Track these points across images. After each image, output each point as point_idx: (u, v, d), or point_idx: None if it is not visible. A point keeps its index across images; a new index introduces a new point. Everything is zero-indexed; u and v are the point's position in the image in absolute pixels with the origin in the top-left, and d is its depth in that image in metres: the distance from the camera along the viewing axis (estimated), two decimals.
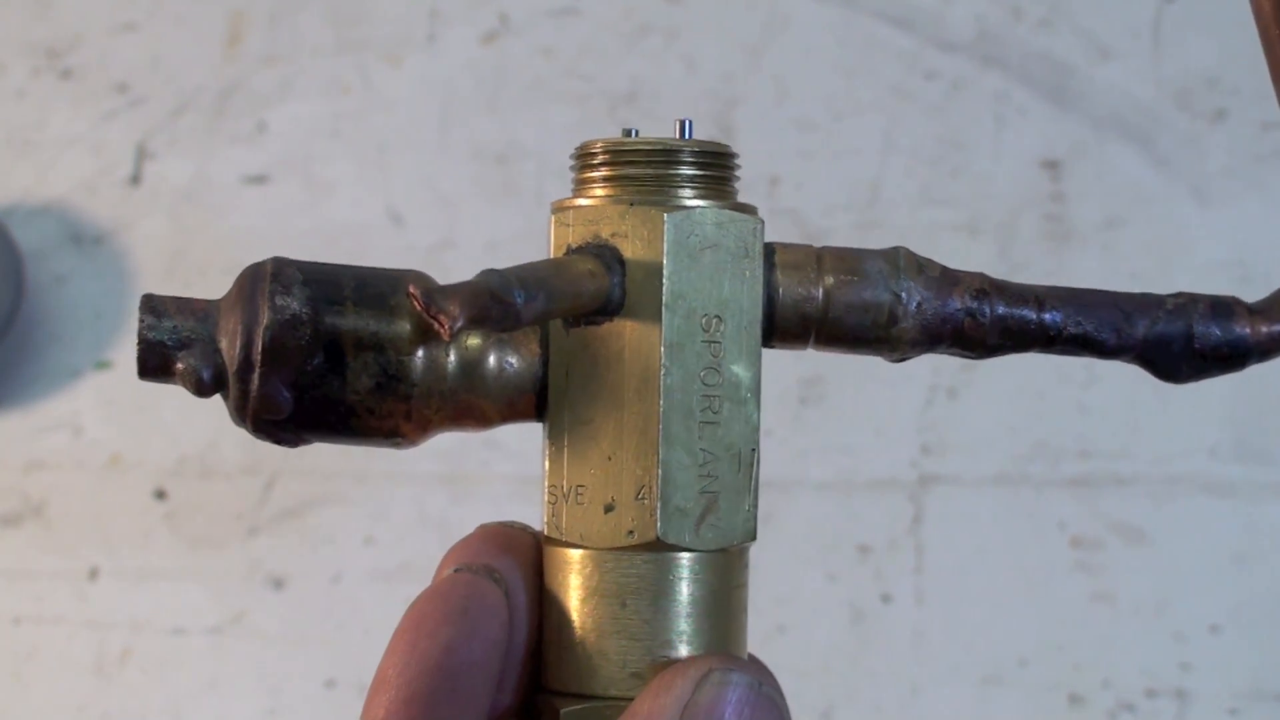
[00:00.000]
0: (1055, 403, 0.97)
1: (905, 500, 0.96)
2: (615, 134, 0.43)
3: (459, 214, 1.02)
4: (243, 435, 0.41)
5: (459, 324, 0.36)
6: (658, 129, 0.44)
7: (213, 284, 1.01)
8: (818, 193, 1.00)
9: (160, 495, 0.99)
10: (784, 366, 0.99)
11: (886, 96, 1.01)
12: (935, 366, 0.97)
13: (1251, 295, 0.44)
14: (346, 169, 1.03)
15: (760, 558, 1.02)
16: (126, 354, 1.01)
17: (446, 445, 0.99)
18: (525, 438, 0.44)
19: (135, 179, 1.03)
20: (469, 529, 1.01)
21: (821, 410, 0.98)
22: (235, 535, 0.99)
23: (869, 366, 1.01)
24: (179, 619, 0.98)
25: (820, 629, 0.96)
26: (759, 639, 1.04)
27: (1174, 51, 1.00)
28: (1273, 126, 0.99)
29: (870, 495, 0.97)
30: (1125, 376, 0.46)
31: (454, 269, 1.00)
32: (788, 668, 1.05)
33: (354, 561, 0.98)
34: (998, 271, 0.44)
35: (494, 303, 0.37)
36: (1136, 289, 0.45)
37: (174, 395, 1.09)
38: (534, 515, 0.43)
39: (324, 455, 0.99)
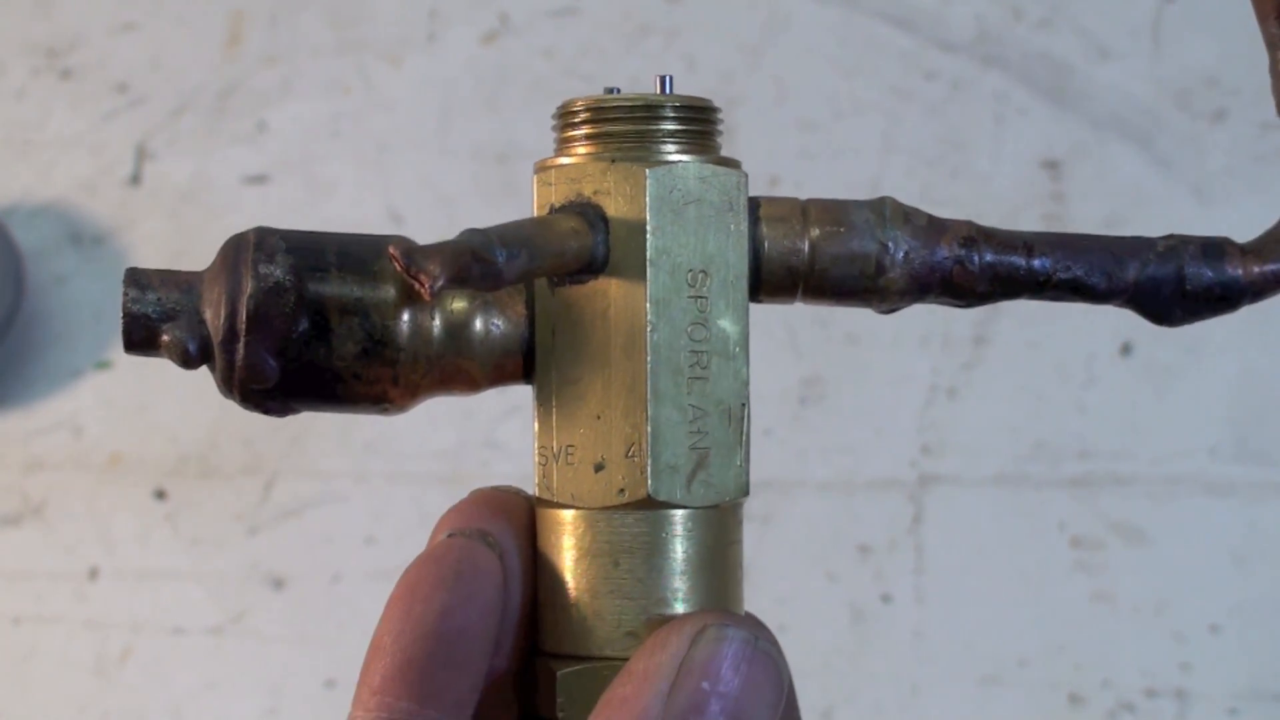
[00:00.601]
0: (1055, 403, 0.97)
1: (905, 500, 0.96)
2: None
3: (459, 214, 1.01)
4: (243, 435, 0.41)
5: (440, 283, 0.36)
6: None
7: None
8: (818, 193, 1.00)
9: (160, 495, 0.99)
10: (784, 367, 0.99)
11: (886, 96, 1.01)
12: (935, 366, 0.97)
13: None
14: (346, 169, 1.03)
15: (760, 558, 1.03)
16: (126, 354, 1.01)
17: (446, 445, 0.99)
18: (525, 438, 0.44)
19: (135, 179, 1.03)
20: None
21: (821, 410, 0.98)
22: (235, 535, 0.99)
23: (869, 366, 1.01)
24: (179, 619, 0.98)
25: (820, 629, 0.96)
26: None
27: (1174, 51, 1.00)
28: (1272, 126, 0.99)
29: (870, 495, 0.97)
30: (1125, 376, 0.46)
31: None
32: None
33: (354, 561, 0.98)
34: None
35: (475, 261, 0.37)
36: None
37: (174, 395, 1.09)
38: None
39: (324, 455, 0.99)
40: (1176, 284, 0.43)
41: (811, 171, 1.00)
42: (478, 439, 0.98)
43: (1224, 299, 0.43)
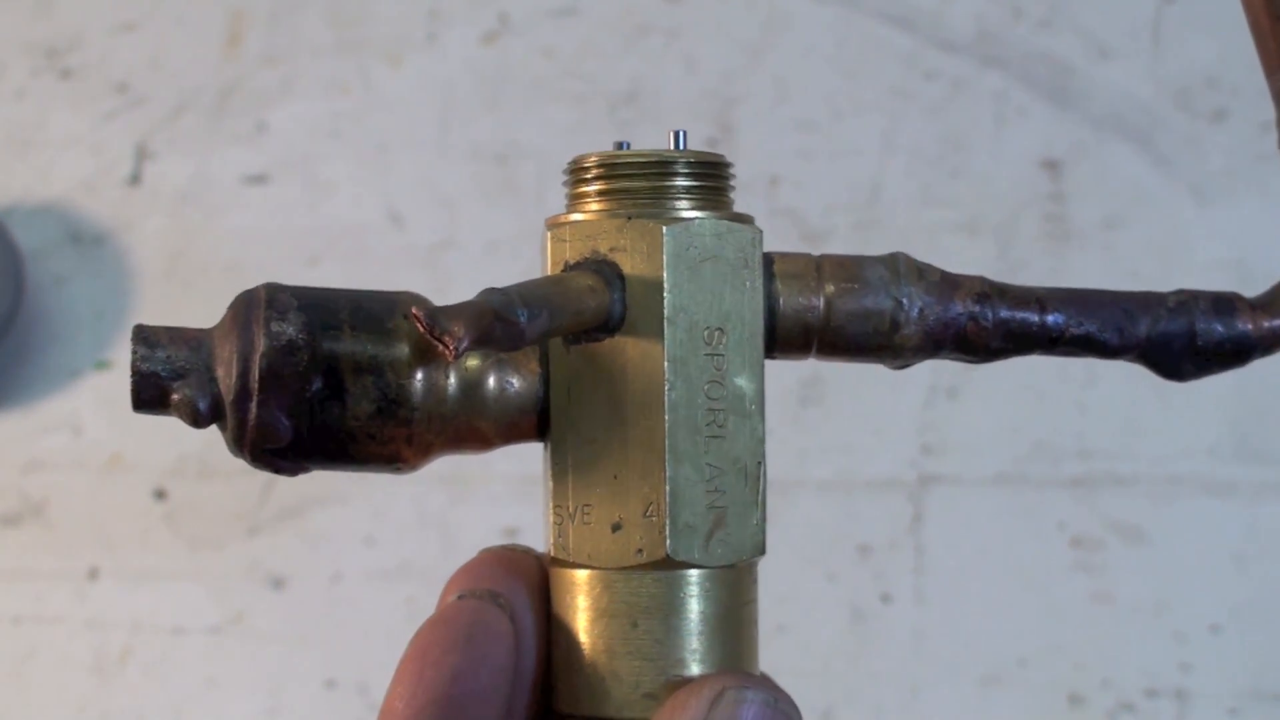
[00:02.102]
0: (1055, 403, 0.97)
1: (905, 500, 0.96)
2: (615, 135, 0.42)
3: (459, 214, 1.01)
4: None
5: (464, 345, 0.36)
6: (657, 129, 0.44)
7: (213, 284, 1.01)
8: (818, 193, 1.00)
9: (160, 495, 0.99)
10: (784, 367, 0.99)
11: (886, 96, 1.01)
12: (935, 366, 0.97)
13: (1250, 293, 0.44)
14: (346, 169, 1.03)
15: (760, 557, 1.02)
16: (126, 354, 1.01)
17: None
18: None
19: (135, 179, 1.03)
20: (469, 529, 1.02)
21: (821, 410, 0.98)
22: (235, 535, 0.99)
23: (869, 366, 1.01)
24: (179, 619, 0.98)
25: (820, 629, 0.96)
26: (759, 638, 1.04)
27: (1174, 51, 1.00)
28: (1272, 126, 0.99)
29: (870, 495, 0.97)
30: (1125, 376, 0.46)
31: (454, 269, 1.00)
32: (788, 668, 1.05)
33: (354, 561, 0.98)
34: (998, 271, 0.44)
35: (498, 322, 0.37)
36: (1137, 288, 0.45)
37: None
38: (534, 515, 0.43)
39: None
40: (1188, 340, 0.43)
41: (811, 171, 1.00)
42: None
43: (1235, 354, 0.43)
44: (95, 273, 1.02)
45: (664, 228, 0.40)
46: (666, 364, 0.40)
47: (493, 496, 0.97)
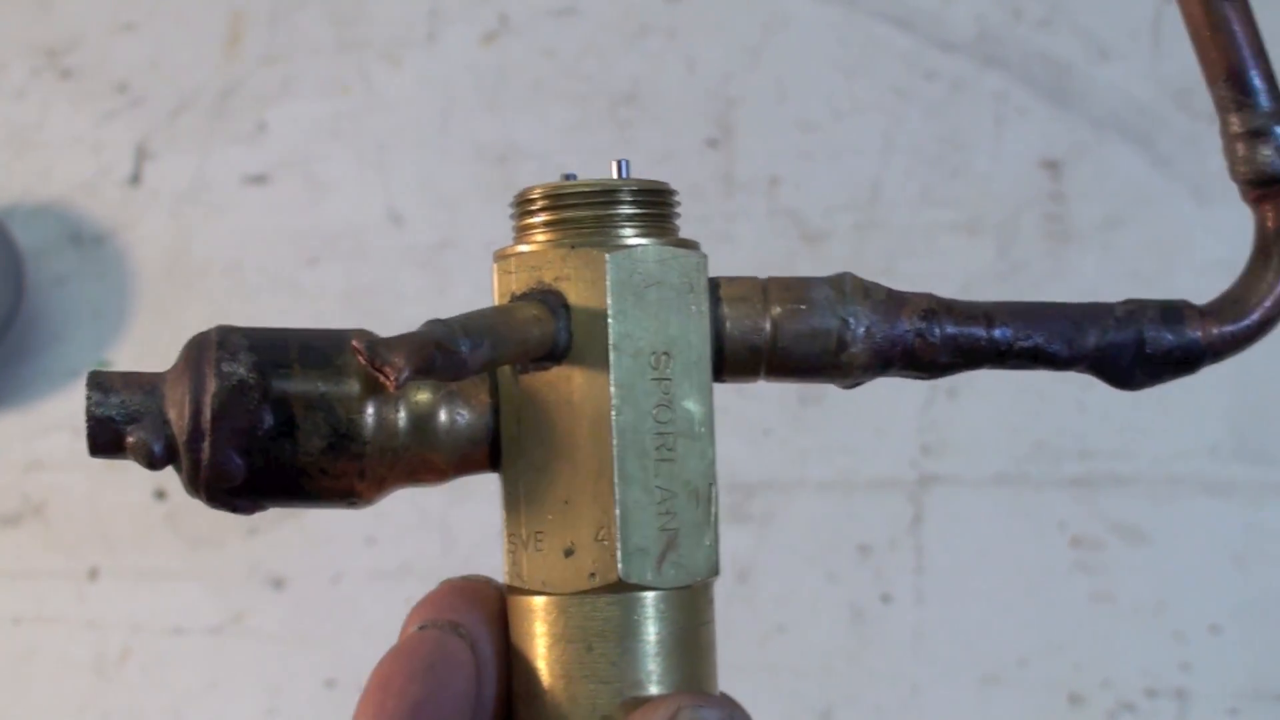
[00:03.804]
0: (1055, 403, 0.97)
1: (905, 500, 0.96)
2: (615, 136, 0.43)
3: (459, 214, 1.01)
4: None
5: (405, 375, 0.36)
6: (657, 130, 0.44)
7: (213, 284, 1.01)
8: (818, 193, 1.00)
9: (160, 495, 0.99)
10: None
11: (886, 96, 1.01)
12: None
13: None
14: (346, 169, 1.03)
15: (760, 558, 1.03)
16: (126, 354, 1.01)
17: None
18: None
19: (135, 179, 1.03)
20: (469, 529, 1.02)
21: (821, 410, 0.98)
22: (235, 535, 0.99)
23: None
24: (179, 619, 0.98)
25: (820, 629, 0.96)
26: (759, 639, 1.05)
27: (1174, 51, 1.00)
28: None
29: (870, 495, 0.97)
30: None
31: (454, 269, 1.01)
32: (788, 668, 1.06)
33: (354, 561, 0.98)
34: (998, 271, 0.44)
35: (439, 352, 0.37)
36: (1137, 289, 0.45)
37: None
38: None
39: None
40: (1137, 349, 0.43)
41: (811, 171, 1.00)
42: None
43: (1184, 362, 0.44)
44: (95, 273, 1.02)
45: (607, 255, 0.41)
46: (613, 389, 0.41)
47: (492, 497, 0.97)
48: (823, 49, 1.02)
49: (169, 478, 1.00)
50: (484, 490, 0.43)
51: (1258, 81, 0.43)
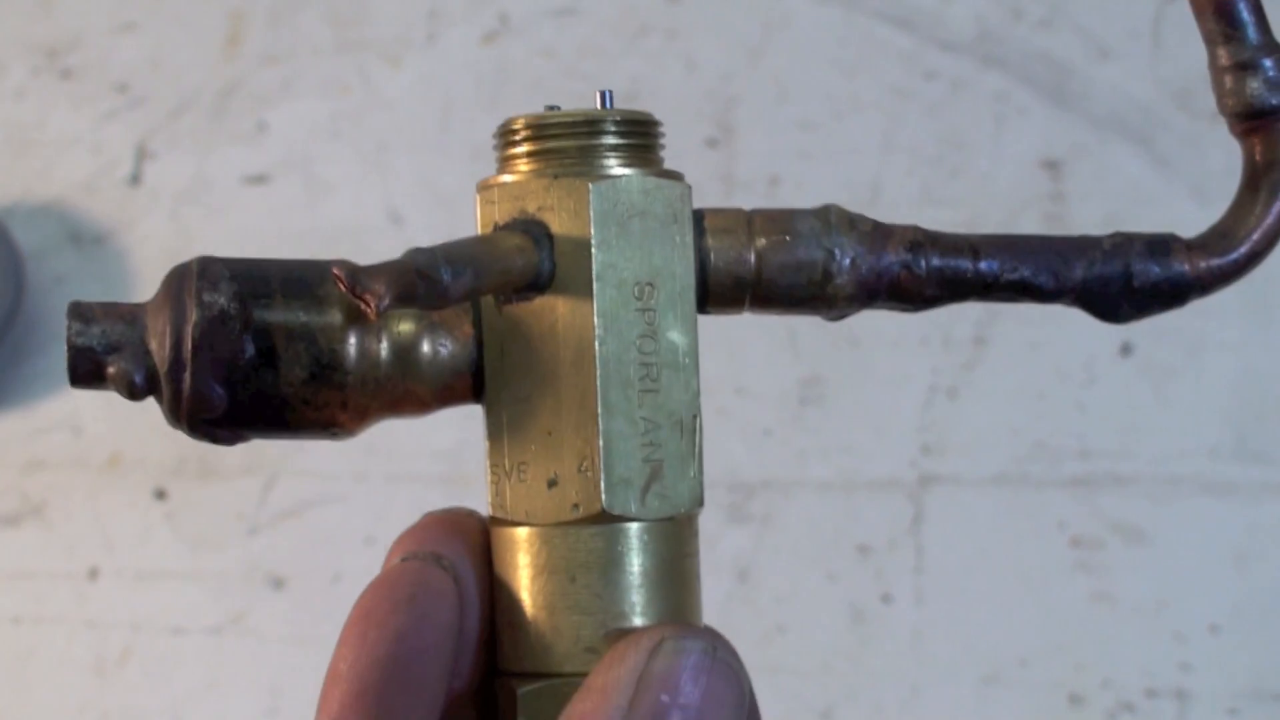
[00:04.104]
0: (1055, 403, 0.97)
1: (905, 500, 0.96)
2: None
3: (459, 214, 1.01)
4: None
5: (385, 302, 0.36)
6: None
7: None
8: (818, 193, 1.00)
9: (160, 495, 0.99)
10: (784, 367, 0.99)
11: (886, 96, 1.01)
12: (935, 366, 0.97)
13: (1250, 293, 0.44)
14: (346, 169, 1.03)
15: (760, 558, 1.03)
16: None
17: (446, 445, 0.99)
18: None
19: (135, 179, 1.03)
20: None
21: (821, 410, 0.98)
22: (235, 535, 0.99)
23: (869, 366, 1.01)
24: (179, 619, 0.98)
25: (820, 629, 0.96)
26: (759, 639, 1.05)
27: (1174, 51, 1.00)
28: None
29: (870, 495, 0.97)
30: (1125, 376, 0.46)
31: None
32: (788, 668, 1.06)
33: (354, 561, 0.98)
34: None
35: (420, 280, 0.37)
36: None
37: None
38: None
39: (324, 455, 0.99)
40: (1124, 281, 0.43)
41: (811, 171, 1.00)
42: (478, 439, 0.98)
43: (1172, 294, 0.43)
44: (95, 273, 1.02)
45: (590, 185, 0.41)
46: (596, 319, 0.40)
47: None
48: (823, 49, 1.02)
49: (170, 478, 0.99)
50: (483, 491, 0.43)
51: (1245, 14, 0.44)
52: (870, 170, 1.00)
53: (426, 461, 0.98)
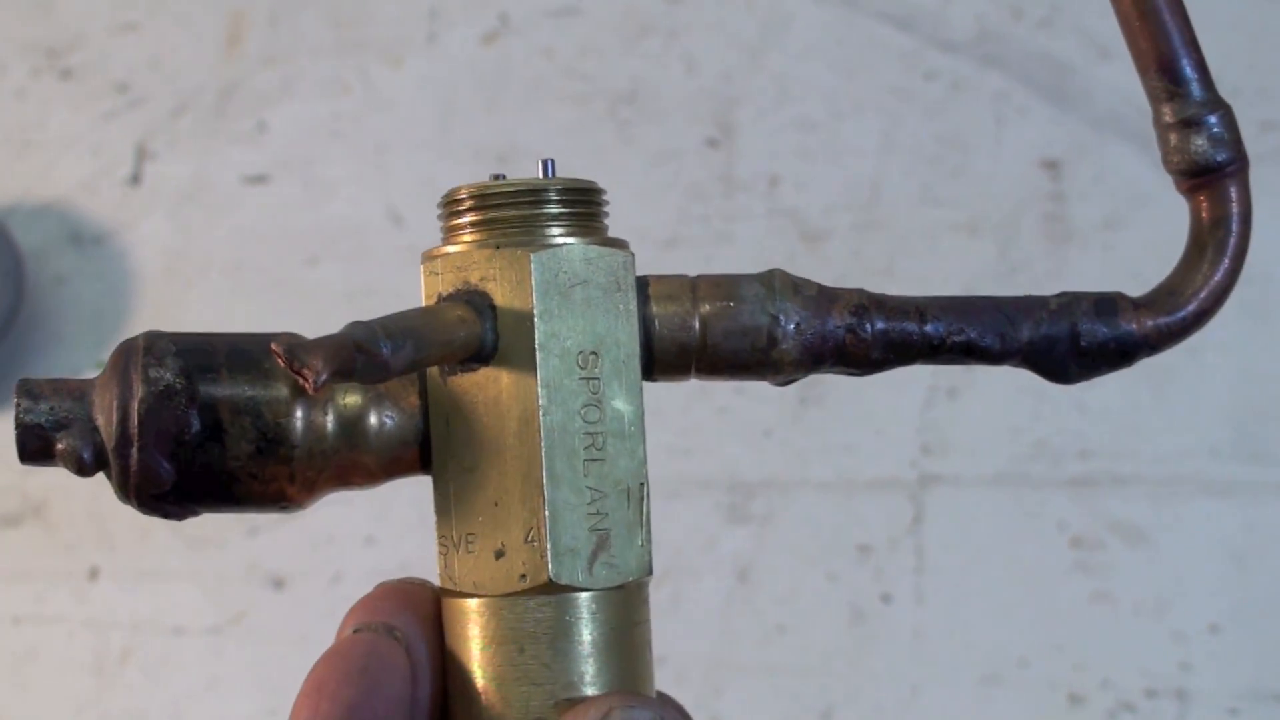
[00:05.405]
0: (1055, 403, 0.97)
1: (905, 500, 0.96)
2: (615, 135, 0.42)
3: None
4: None
5: (323, 377, 0.36)
6: (657, 129, 0.44)
7: (213, 284, 1.01)
8: (818, 193, 1.00)
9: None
10: None
11: (886, 96, 1.01)
12: (935, 367, 0.97)
13: (1249, 294, 0.44)
14: (346, 169, 1.03)
15: (760, 557, 1.03)
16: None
17: None
18: None
19: (135, 179, 1.03)
20: None
21: (821, 410, 0.98)
22: (235, 535, 0.99)
23: None
24: (179, 619, 0.98)
25: (820, 629, 0.96)
26: (759, 639, 1.05)
27: None
28: (1272, 126, 0.99)
29: (870, 495, 0.97)
30: (1125, 376, 0.46)
31: None
32: (788, 668, 1.06)
33: (354, 561, 0.98)
34: (998, 271, 0.44)
35: (359, 354, 0.37)
36: (1137, 289, 0.45)
37: None
38: None
39: None
40: (1071, 341, 0.43)
41: (811, 171, 1.00)
42: None
43: (1119, 354, 0.43)
44: (95, 273, 1.02)
45: (531, 255, 0.41)
46: (540, 390, 0.40)
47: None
48: (823, 49, 1.02)
49: None
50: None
51: (1189, 71, 0.43)
52: (870, 170, 1.00)
53: None
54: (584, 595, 0.41)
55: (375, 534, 0.98)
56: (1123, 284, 0.46)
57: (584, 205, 0.42)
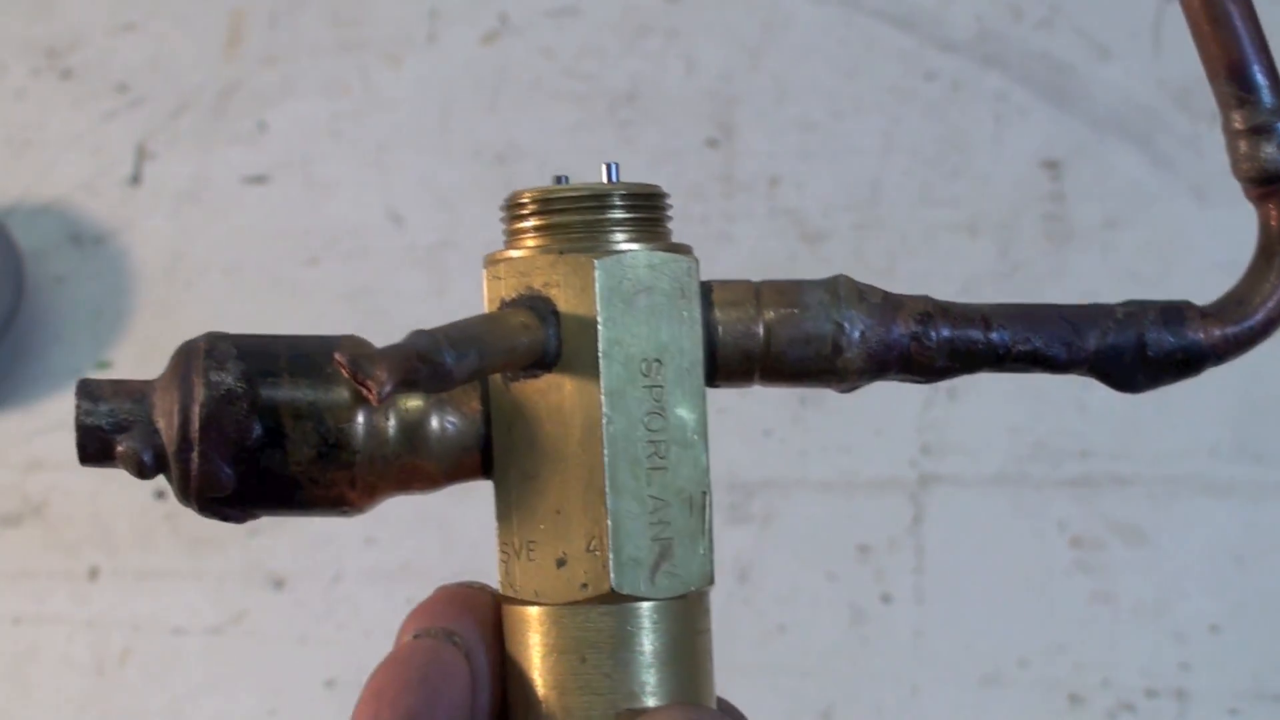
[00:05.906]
0: (1055, 403, 0.97)
1: (905, 500, 0.96)
2: (615, 135, 0.42)
3: (459, 214, 1.01)
4: None
5: (387, 389, 0.36)
6: (657, 129, 0.43)
7: (213, 284, 1.01)
8: (818, 193, 1.00)
9: (160, 495, 0.99)
10: None
11: (886, 96, 1.01)
12: None
13: None
14: (346, 169, 1.03)
15: (760, 558, 1.03)
16: (126, 354, 1.01)
17: None
18: None
19: (135, 179, 1.03)
20: (469, 529, 1.02)
21: (821, 410, 0.98)
22: (235, 535, 0.99)
23: None
24: (179, 619, 0.98)
25: (820, 629, 0.96)
26: (759, 639, 1.05)
27: (1174, 51, 1.00)
28: None
29: (870, 495, 0.97)
30: None
31: (454, 269, 1.01)
32: (788, 668, 1.05)
33: (354, 561, 0.98)
34: (998, 272, 0.44)
35: (423, 364, 0.36)
36: (1137, 289, 0.45)
37: None
38: None
39: None
40: (1137, 351, 0.43)
41: (811, 171, 1.00)
42: None
43: (1187, 364, 0.43)
44: (95, 273, 1.02)
45: (595, 261, 0.40)
46: (603, 398, 0.40)
47: (492, 496, 0.97)
48: (823, 49, 1.02)
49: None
50: (484, 490, 0.43)
51: (1260, 77, 0.42)
52: (870, 170, 1.00)
53: None
54: (646, 605, 0.40)
55: (375, 534, 0.98)
56: (1122, 284, 0.46)
57: (647, 210, 0.41)
